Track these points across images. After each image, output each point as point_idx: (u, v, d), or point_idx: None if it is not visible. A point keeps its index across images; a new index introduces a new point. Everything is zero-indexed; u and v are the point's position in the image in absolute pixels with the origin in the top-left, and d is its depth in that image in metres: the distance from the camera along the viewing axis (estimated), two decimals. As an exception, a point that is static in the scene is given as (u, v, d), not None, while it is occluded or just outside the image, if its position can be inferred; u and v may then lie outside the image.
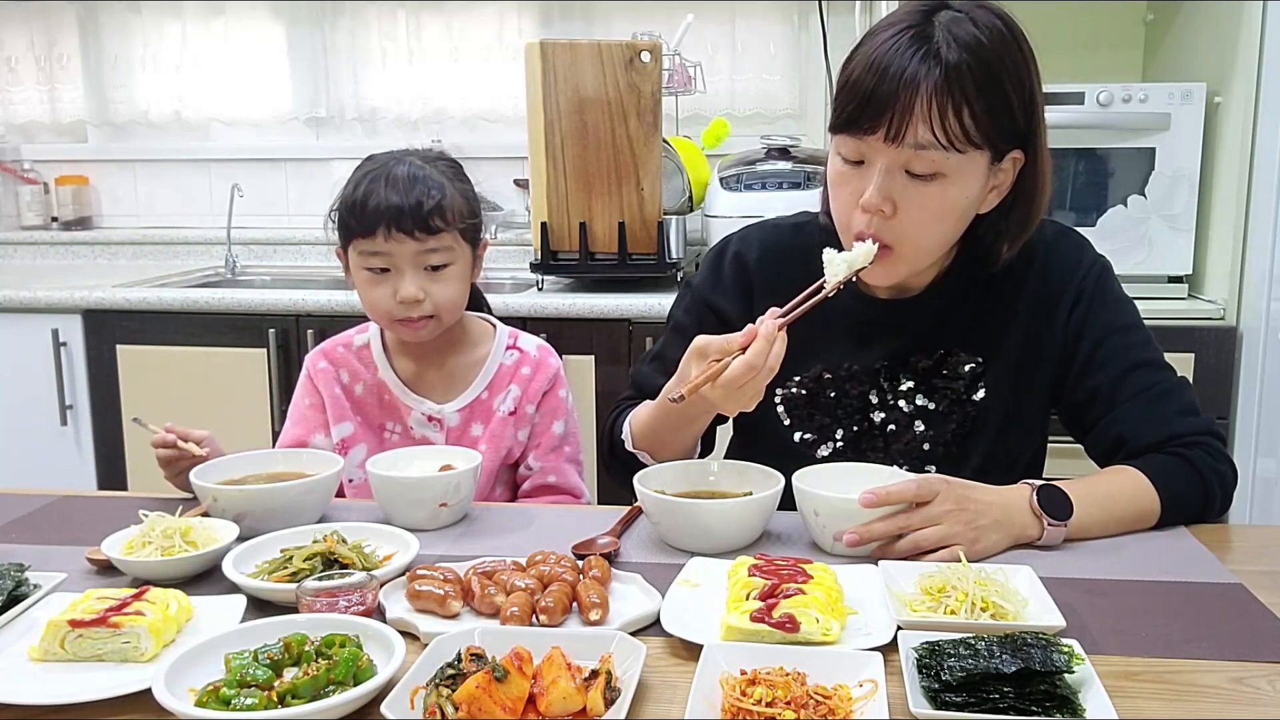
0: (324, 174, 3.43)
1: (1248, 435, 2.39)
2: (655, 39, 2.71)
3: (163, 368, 2.74)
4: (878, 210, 1.25)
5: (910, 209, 1.24)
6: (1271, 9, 2.29)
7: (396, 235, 1.54)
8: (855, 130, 1.23)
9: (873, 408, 1.44)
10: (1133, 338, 1.39)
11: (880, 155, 1.23)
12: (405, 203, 1.53)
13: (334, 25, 3.37)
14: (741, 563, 1.10)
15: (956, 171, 1.23)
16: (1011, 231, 1.34)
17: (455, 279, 1.60)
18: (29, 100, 3.57)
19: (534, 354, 1.70)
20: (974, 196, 1.27)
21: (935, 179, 1.23)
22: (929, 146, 1.20)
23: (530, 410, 1.67)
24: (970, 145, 1.22)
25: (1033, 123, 1.27)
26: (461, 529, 1.35)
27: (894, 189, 1.24)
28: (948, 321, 1.42)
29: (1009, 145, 1.27)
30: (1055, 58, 2.89)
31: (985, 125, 1.22)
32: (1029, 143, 1.28)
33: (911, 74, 1.18)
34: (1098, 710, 0.85)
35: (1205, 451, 1.32)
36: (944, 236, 1.30)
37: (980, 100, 1.20)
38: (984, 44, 1.21)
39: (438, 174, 1.59)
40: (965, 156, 1.22)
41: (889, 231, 1.26)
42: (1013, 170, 1.30)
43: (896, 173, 1.24)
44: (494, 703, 0.83)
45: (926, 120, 1.19)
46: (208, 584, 1.16)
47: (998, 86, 1.21)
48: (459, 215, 1.58)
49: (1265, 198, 2.33)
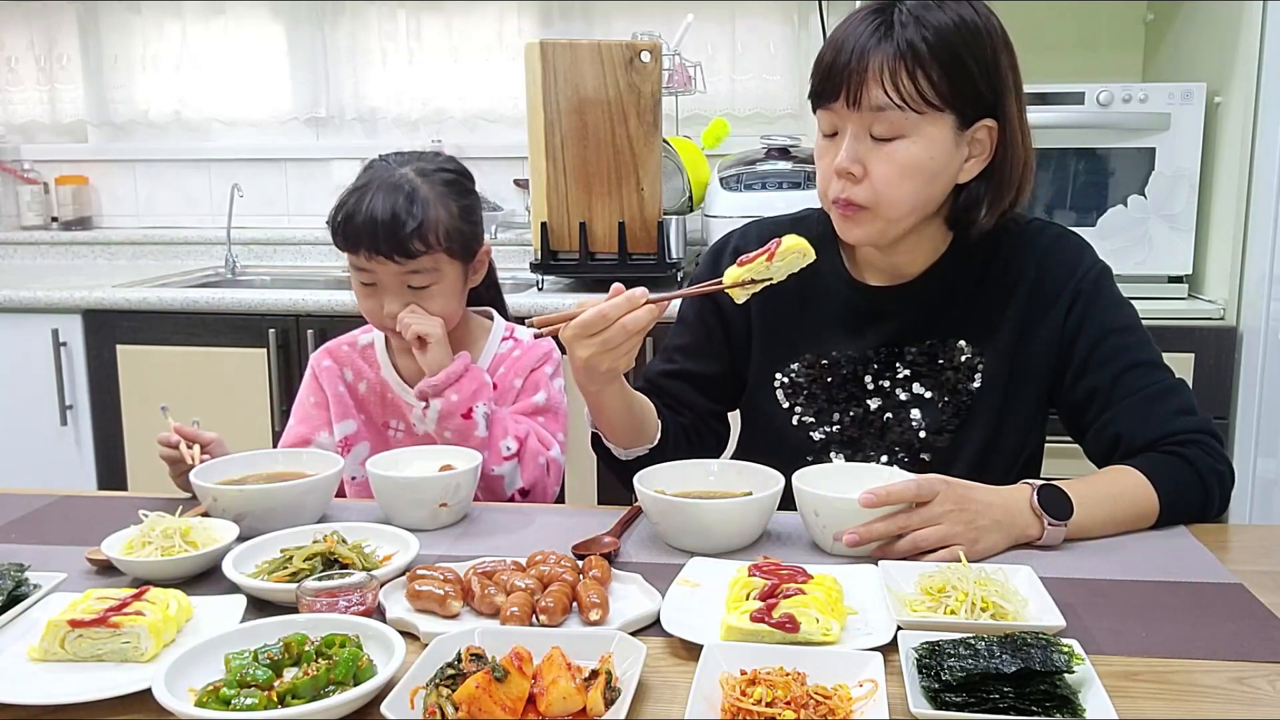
0: (324, 174, 3.43)
1: (1248, 435, 2.38)
2: (655, 39, 2.71)
3: (163, 368, 2.74)
4: (848, 173, 1.32)
5: (877, 168, 1.31)
6: (1271, 9, 2.29)
7: (377, 257, 1.53)
8: (822, 101, 1.33)
9: (869, 394, 1.45)
10: (1130, 338, 1.40)
11: (848, 122, 1.31)
12: (382, 226, 1.50)
13: (334, 25, 3.38)
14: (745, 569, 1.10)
15: (916, 131, 1.29)
16: (990, 196, 1.36)
17: (441, 296, 1.58)
18: (29, 100, 3.57)
19: (526, 340, 1.70)
20: (940, 158, 1.31)
21: (897, 140, 1.30)
22: (886, 108, 1.28)
23: (516, 383, 1.67)
24: (927, 106, 1.28)
25: (999, 94, 1.32)
26: (461, 529, 1.35)
27: (861, 152, 1.31)
28: (941, 310, 1.43)
29: (976, 112, 1.31)
30: (1055, 58, 2.91)
31: (943, 89, 1.28)
32: (999, 113, 1.33)
33: (865, 44, 1.28)
34: (1098, 710, 0.85)
35: (1203, 450, 1.33)
36: (915, 194, 1.33)
37: (935, 66, 1.27)
38: (941, 21, 1.28)
39: (428, 189, 1.55)
40: (924, 117, 1.28)
41: (861, 194, 1.32)
42: (989, 140, 1.33)
43: (863, 137, 1.31)
44: (494, 703, 0.83)
45: (879, 83, 1.27)
46: (208, 584, 1.16)
47: (953, 54, 1.28)
48: (443, 235, 1.54)
49: (1265, 198, 2.33)
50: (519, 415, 1.65)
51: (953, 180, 1.35)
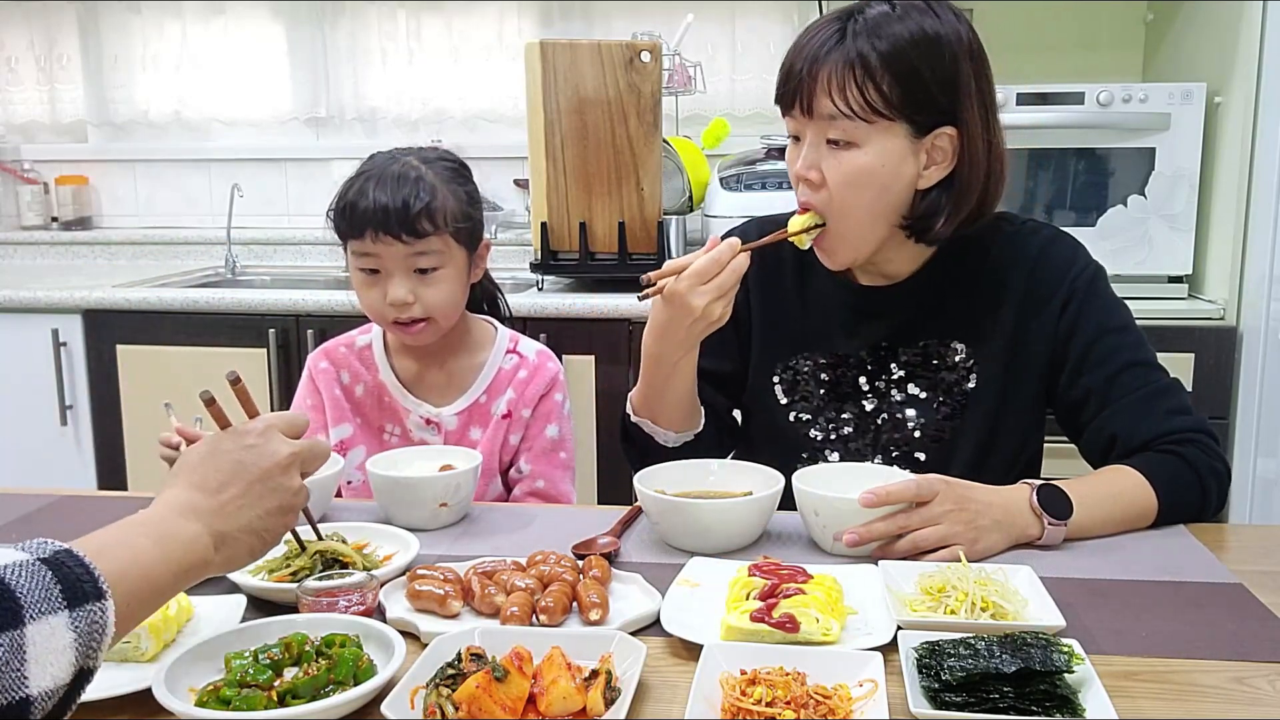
0: (324, 174, 3.42)
1: (1248, 435, 2.38)
2: (655, 39, 2.71)
3: (163, 368, 2.74)
4: (805, 178, 1.34)
5: (833, 175, 1.32)
6: (1271, 9, 2.29)
7: (384, 238, 1.53)
8: (782, 107, 1.37)
9: (864, 394, 1.46)
10: (1125, 338, 1.40)
11: (808, 129, 1.34)
12: (392, 205, 1.52)
13: (334, 25, 3.37)
14: (744, 569, 1.10)
15: (868, 141, 1.30)
16: (947, 206, 1.35)
17: (446, 281, 1.58)
18: (29, 100, 3.56)
19: (533, 359, 1.69)
20: (893, 166, 1.32)
21: (850, 147, 1.31)
22: (836, 116, 1.30)
23: (525, 413, 1.66)
24: (876, 115, 1.29)
25: (956, 103, 1.31)
26: (461, 529, 1.35)
27: (819, 158, 1.33)
28: (935, 311, 1.43)
29: (932, 121, 1.31)
30: (1055, 58, 2.91)
31: (893, 98, 1.28)
32: (957, 121, 1.32)
33: (818, 53, 1.30)
34: (1098, 710, 0.85)
35: (1199, 449, 1.33)
36: (871, 206, 1.33)
37: (886, 76, 1.28)
38: (896, 31, 1.28)
39: (432, 175, 1.57)
40: (874, 127, 1.29)
41: (819, 200, 1.34)
42: (951, 147, 1.33)
43: (820, 144, 1.33)
44: (494, 703, 0.83)
45: (828, 93, 1.29)
46: (208, 584, 1.15)
47: (905, 64, 1.28)
48: (450, 218, 1.56)
49: (1265, 198, 2.33)
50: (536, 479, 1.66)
51: (910, 187, 1.34)
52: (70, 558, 0.73)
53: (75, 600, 0.70)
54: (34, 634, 0.67)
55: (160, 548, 0.83)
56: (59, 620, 0.69)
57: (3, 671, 0.65)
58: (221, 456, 0.92)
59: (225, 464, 0.91)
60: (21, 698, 0.66)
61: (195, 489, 0.89)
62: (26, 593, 0.68)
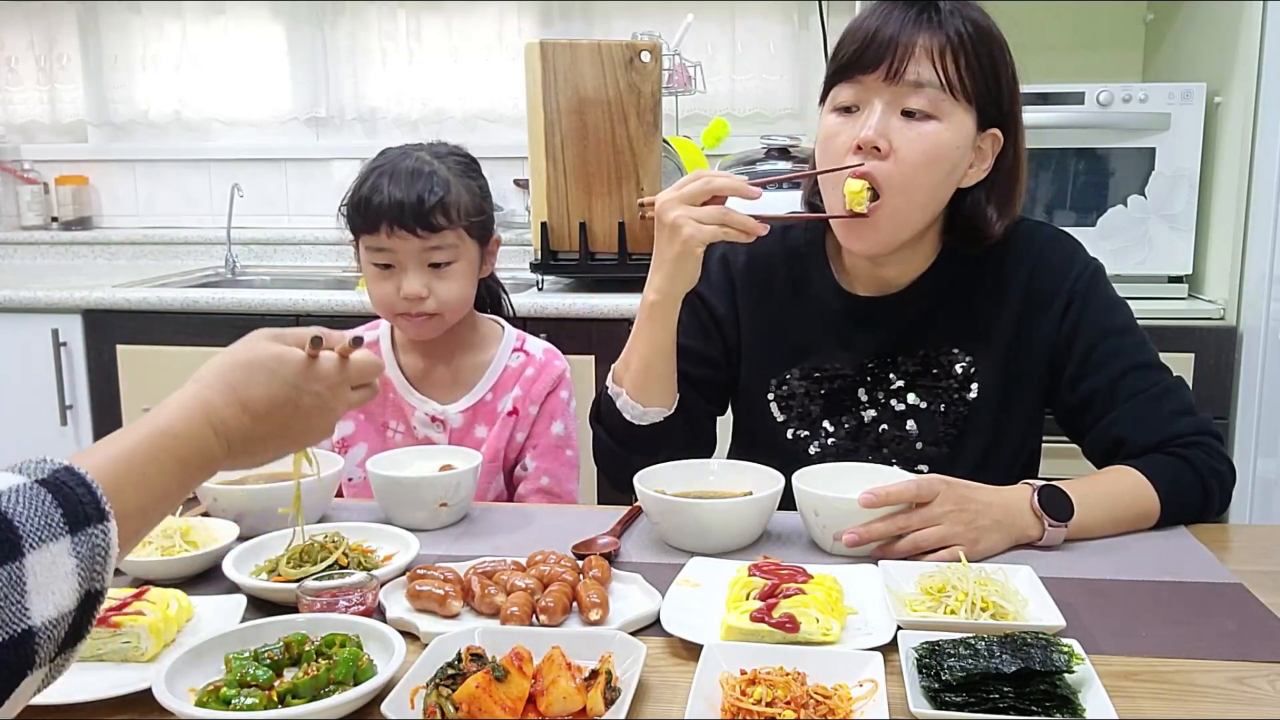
0: (324, 174, 3.42)
1: (1248, 435, 2.38)
2: (655, 39, 2.71)
3: (163, 368, 2.74)
4: (872, 147, 1.28)
5: (904, 147, 1.27)
6: (1271, 9, 2.29)
7: (399, 232, 1.54)
8: (855, 70, 1.29)
9: (863, 406, 1.44)
10: (1128, 339, 1.39)
11: (877, 95, 1.28)
12: (407, 199, 1.53)
13: (334, 25, 3.37)
14: (744, 569, 1.10)
15: (949, 118, 1.28)
16: (996, 207, 1.36)
17: (459, 276, 1.60)
18: (29, 100, 3.56)
19: (540, 356, 1.70)
20: (964, 149, 1.31)
21: (928, 119, 1.28)
22: (927, 84, 1.26)
23: (531, 410, 1.67)
24: (963, 96, 1.28)
25: (1013, 109, 1.34)
26: (461, 529, 1.35)
27: (890, 128, 1.28)
28: (932, 319, 1.42)
29: (991, 118, 1.32)
30: (1055, 58, 2.91)
31: (979, 84, 1.29)
32: (1008, 127, 1.34)
33: (915, 20, 1.27)
34: (1098, 710, 0.85)
35: (1204, 451, 1.32)
36: (934, 187, 1.31)
37: (976, 59, 1.28)
38: (980, 21, 1.30)
39: (445, 170, 1.58)
40: (958, 105, 1.28)
41: (883, 171, 1.28)
42: (991, 151, 1.34)
43: (893, 113, 1.28)
44: (494, 703, 0.83)
45: (929, 57, 1.26)
46: (208, 584, 1.16)
47: (990, 57, 1.29)
48: (463, 212, 1.58)
49: (1265, 198, 2.33)
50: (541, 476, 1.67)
51: (958, 182, 1.34)
52: (71, 476, 0.70)
53: (76, 524, 0.68)
54: (34, 564, 0.65)
55: (182, 467, 0.80)
56: (60, 547, 0.66)
57: (2, 605, 0.63)
58: (282, 386, 0.88)
59: (281, 396, 0.88)
60: (24, 629, 0.64)
61: (240, 407, 0.85)
62: (25, 520, 0.65)
